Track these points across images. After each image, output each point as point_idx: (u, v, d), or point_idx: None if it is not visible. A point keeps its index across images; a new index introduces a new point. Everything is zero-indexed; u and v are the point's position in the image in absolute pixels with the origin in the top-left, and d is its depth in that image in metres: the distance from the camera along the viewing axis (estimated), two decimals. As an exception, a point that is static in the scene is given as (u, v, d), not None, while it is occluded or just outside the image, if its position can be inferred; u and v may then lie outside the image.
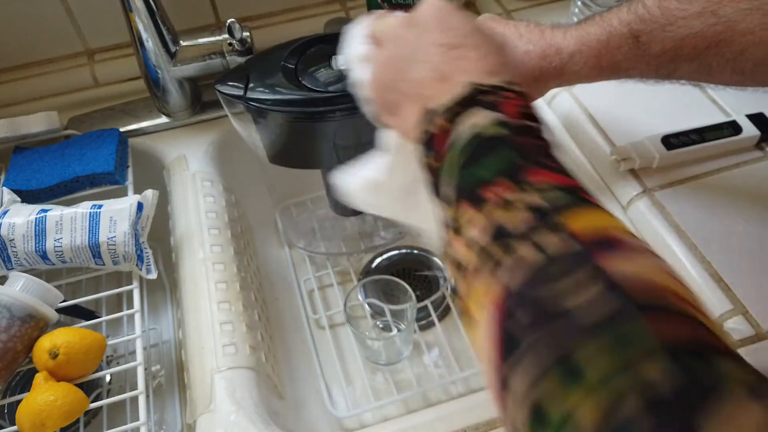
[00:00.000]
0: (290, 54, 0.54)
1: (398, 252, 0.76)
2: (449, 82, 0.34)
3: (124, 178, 0.64)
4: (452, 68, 0.34)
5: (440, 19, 0.36)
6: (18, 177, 0.62)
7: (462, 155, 0.31)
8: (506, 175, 0.29)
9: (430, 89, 0.35)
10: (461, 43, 0.35)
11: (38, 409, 0.45)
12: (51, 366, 0.48)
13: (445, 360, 0.66)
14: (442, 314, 0.70)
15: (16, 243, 0.54)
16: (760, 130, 0.59)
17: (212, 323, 0.53)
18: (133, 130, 0.70)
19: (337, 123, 0.52)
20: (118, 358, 0.65)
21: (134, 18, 0.62)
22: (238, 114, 0.54)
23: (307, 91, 0.51)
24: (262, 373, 0.53)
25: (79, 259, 0.55)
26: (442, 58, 0.35)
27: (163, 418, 0.63)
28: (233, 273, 0.58)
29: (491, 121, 0.31)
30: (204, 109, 0.72)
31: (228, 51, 0.65)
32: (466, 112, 0.32)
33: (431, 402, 0.62)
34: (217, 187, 0.66)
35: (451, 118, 0.32)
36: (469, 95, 0.32)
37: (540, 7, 0.79)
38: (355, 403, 0.62)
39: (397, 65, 0.37)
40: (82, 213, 0.54)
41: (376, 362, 0.65)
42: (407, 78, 0.36)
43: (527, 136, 0.31)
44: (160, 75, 0.66)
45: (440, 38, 0.36)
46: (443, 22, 0.36)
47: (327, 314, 0.69)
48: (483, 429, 0.44)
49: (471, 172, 0.30)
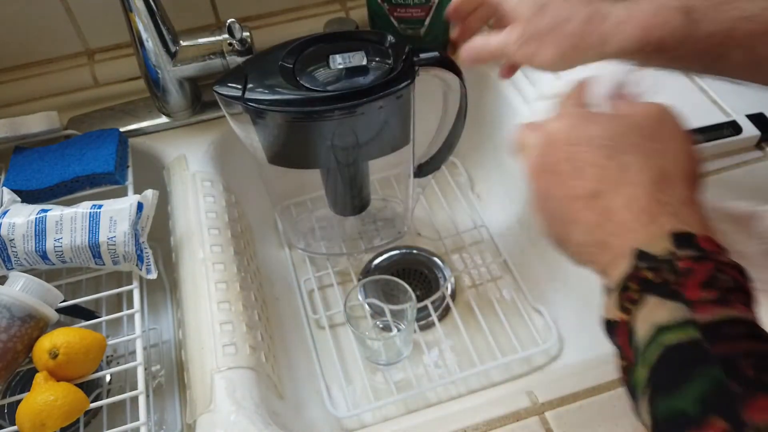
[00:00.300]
0: (288, 54, 0.53)
1: (398, 252, 0.76)
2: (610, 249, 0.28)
3: (124, 178, 0.64)
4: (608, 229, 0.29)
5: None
6: (18, 177, 0.62)
7: (651, 373, 0.25)
8: (717, 412, 0.22)
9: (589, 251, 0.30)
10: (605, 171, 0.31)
11: (38, 409, 0.45)
12: (51, 366, 0.48)
13: (445, 360, 0.66)
14: (442, 314, 0.70)
15: (16, 243, 0.54)
16: (760, 130, 0.59)
17: (212, 323, 0.53)
18: (133, 130, 0.70)
19: (336, 122, 0.52)
20: (118, 358, 0.65)
21: (134, 18, 0.62)
22: (236, 115, 0.54)
23: (305, 90, 0.51)
24: (262, 373, 0.53)
25: (79, 259, 0.55)
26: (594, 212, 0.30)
27: (163, 418, 0.63)
28: (233, 273, 0.58)
29: (674, 320, 0.24)
30: (204, 109, 0.72)
31: (228, 51, 0.65)
32: (640, 302, 0.26)
33: (431, 402, 0.62)
34: (217, 187, 0.66)
35: (623, 307, 0.27)
36: (633, 273, 0.26)
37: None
38: (355, 403, 0.62)
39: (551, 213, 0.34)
40: (82, 213, 0.54)
41: (376, 362, 0.65)
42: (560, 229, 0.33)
43: (728, 336, 0.24)
44: (160, 75, 0.66)
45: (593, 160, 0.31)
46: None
47: (327, 314, 0.69)
48: (483, 429, 0.44)
49: (669, 405, 0.23)
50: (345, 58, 0.53)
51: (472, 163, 0.84)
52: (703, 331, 0.24)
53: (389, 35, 0.55)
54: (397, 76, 0.51)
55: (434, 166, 0.66)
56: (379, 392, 0.63)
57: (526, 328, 0.68)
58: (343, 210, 0.67)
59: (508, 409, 0.45)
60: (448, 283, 0.72)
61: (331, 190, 0.64)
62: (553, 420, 0.44)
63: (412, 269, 0.75)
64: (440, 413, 0.47)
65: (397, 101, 0.53)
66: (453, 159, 0.83)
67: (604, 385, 0.46)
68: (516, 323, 0.68)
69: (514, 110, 0.73)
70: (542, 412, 0.45)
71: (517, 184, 0.75)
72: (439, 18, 0.71)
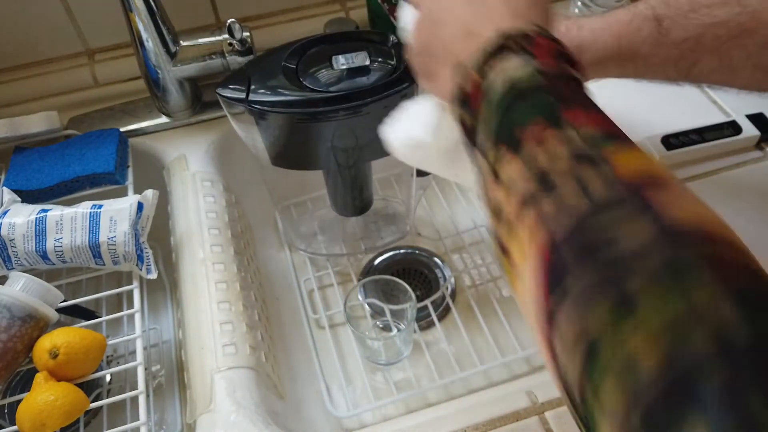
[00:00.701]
0: (290, 55, 0.53)
1: (398, 252, 0.76)
2: (478, 36, 0.32)
3: (124, 178, 0.64)
4: (479, 22, 0.33)
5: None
6: (18, 177, 0.62)
7: (498, 107, 0.30)
8: (544, 117, 0.27)
9: (459, 47, 0.33)
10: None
11: (38, 408, 0.45)
12: (51, 366, 0.48)
13: (445, 360, 0.66)
14: (442, 314, 0.70)
15: (17, 243, 0.54)
16: (760, 130, 0.59)
17: (212, 323, 0.54)
18: (133, 130, 0.70)
19: (341, 123, 0.52)
20: (119, 358, 0.65)
21: (134, 18, 0.62)
22: (238, 116, 0.54)
23: (309, 91, 0.51)
24: (262, 372, 0.53)
25: (80, 259, 0.55)
26: (470, 14, 0.34)
27: (163, 417, 0.63)
28: (233, 273, 0.58)
29: (524, 70, 0.29)
30: (204, 109, 0.72)
31: (228, 51, 0.65)
32: (497, 61, 0.30)
33: (431, 402, 0.62)
34: (217, 187, 0.66)
35: (481, 71, 0.31)
36: (497, 44, 0.31)
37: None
38: (355, 402, 0.62)
39: (429, 28, 0.36)
40: (83, 213, 0.54)
41: (376, 362, 0.65)
42: (438, 40, 0.35)
43: (565, 81, 0.30)
44: (160, 75, 0.66)
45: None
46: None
47: (327, 314, 0.69)
48: (483, 429, 0.44)
49: (508, 119, 0.29)
50: (348, 59, 0.53)
51: (472, 163, 0.84)
52: (548, 76, 0.29)
53: (392, 35, 0.55)
54: (401, 75, 0.52)
55: (435, 165, 0.66)
56: (379, 392, 0.63)
57: (526, 328, 0.68)
58: (346, 210, 0.67)
59: (508, 408, 0.45)
60: (448, 283, 0.72)
61: (334, 190, 0.64)
62: (553, 420, 0.44)
63: (412, 269, 0.75)
64: (440, 413, 0.47)
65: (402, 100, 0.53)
66: (453, 159, 0.83)
67: (604, 385, 0.46)
68: (516, 323, 0.68)
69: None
70: (542, 412, 0.45)
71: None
72: (439, 18, 0.71)
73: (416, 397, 0.62)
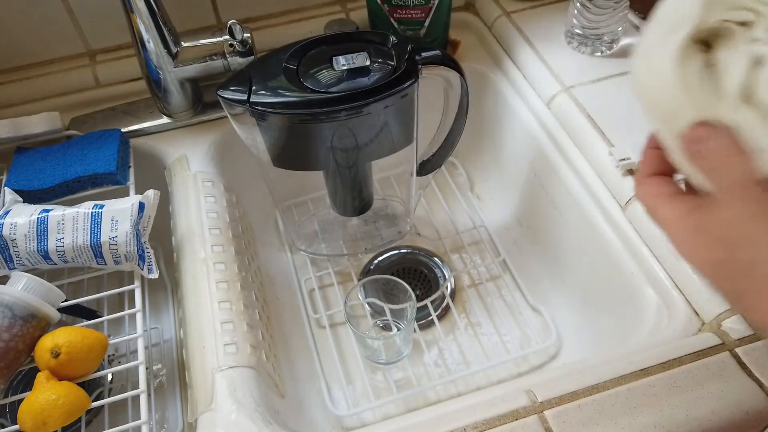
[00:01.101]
0: (291, 56, 0.54)
1: (398, 252, 0.76)
2: None
3: (125, 178, 0.64)
4: None
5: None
6: (20, 177, 0.62)
7: None
8: None
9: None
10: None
11: (40, 408, 0.46)
12: (53, 365, 0.48)
13: (444, 359, 0.66)
14: (442, 314, 0.70)
15: (18, 243, 0.54)
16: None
17: (213, 322, 0.54)
18: (134, 130, 0.70)
19: (342, 124, 0.53)
20: (120, 357, 0.65)
21: (135, 19, 0.62)
22: (239, 117, 0.54)
23: (310, 92, 0.51)
24: (262, 372, 0.54)
25: (81, 259, 0.55)
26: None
27: (164, 416, 0.63)
28: (234, 272, 0.59)
29: None
30: (205, 109, 0.72)
31: (229, 52, 0.65)
32: None
33: (431, 401, 0.62)
34: (218, 187, 0.66)
35: None
36: None
37: (539, 9, 0.79)
38: (355, 402, 0.63)
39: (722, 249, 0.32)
40: (84, 213, 0.55)
41: (376, 361, 0.65)
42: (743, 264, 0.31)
43: None
44: (162, 76, 0.67)
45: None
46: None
47: (327, 313, 0.69)
48: (482, 428, 0.44)
49: None
50: (348, 59, 0.53)
51: (472, 164, 0.84)
52: None
53: (392, 35, 0.55)
54: (402, 75, 0.52)
55: (436, 164, 0.66)
56: (379, 391, 0.63)
57: (525, 327, 0.68)
58: (346, 211, 0.67)
59: (508, 407, 0.45)
60: (447, 283, 0.72)
61: (334, 190, 0.65)
62: (553, 419, 0.44)
63: (412, 269, 0.75)
64: (440, 412, 0.47)
65: (402, 100, 0.53)
66: (452, 159, 0.84)
67: (603, 384, 0.46)
68: (515, 322, 0.68)
69: (514, 112, 0.73)
70: (541, 411, 0.45)
71: (516, 184, 0.76)
72: (438, 19, 0.71)
73: (416, 396, 0.62)
